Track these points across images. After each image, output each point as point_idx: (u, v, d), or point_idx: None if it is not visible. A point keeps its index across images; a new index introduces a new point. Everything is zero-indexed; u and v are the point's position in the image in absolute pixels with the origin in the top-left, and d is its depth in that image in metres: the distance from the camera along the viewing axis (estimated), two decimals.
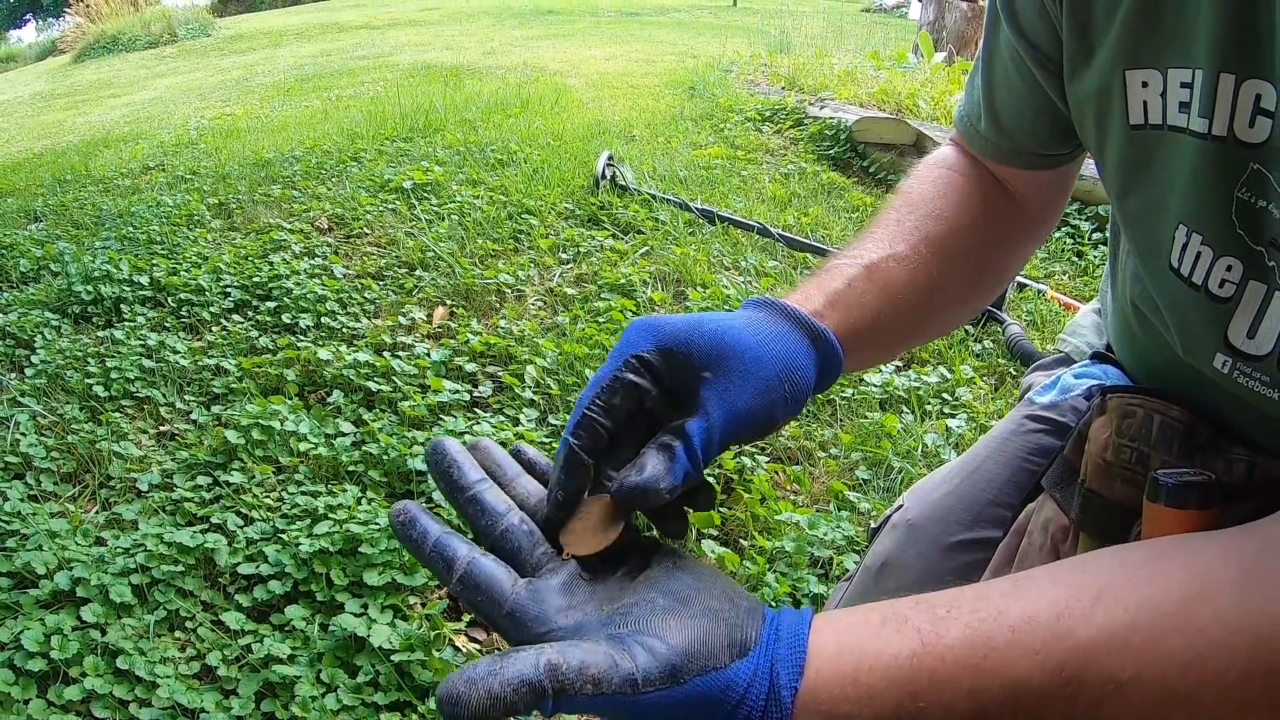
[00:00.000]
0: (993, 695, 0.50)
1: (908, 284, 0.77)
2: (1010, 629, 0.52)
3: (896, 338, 0.79)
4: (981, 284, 0.88)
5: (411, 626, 1.60)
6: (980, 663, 0.51)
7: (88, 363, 2.48)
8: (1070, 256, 3.49)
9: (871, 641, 0.53)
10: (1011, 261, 0.92)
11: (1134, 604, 0.51)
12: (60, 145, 6.52)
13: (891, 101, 5.38)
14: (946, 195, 0.86)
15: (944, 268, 0.80)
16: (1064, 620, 0.51)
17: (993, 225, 0.86)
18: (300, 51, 11.36)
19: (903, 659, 0.52)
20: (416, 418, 2.21)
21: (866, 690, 0.52)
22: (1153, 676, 0.49)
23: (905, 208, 0.85)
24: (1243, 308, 0.62)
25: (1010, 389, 2.47)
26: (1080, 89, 0.70)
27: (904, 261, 0.78)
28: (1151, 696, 0.49)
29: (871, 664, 0.52)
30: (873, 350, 0.76)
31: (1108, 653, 0.50)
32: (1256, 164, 0.57)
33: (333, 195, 3.92)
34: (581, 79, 7.34)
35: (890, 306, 0.75)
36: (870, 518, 1.90)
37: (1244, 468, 0.69)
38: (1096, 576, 0.54)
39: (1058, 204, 0.93)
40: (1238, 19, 0.55)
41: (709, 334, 0.62)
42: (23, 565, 1.69)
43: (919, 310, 0.79)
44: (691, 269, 3.06)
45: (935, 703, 0.51)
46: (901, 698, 0.51)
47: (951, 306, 0.85)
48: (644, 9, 15.64)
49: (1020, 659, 0.50)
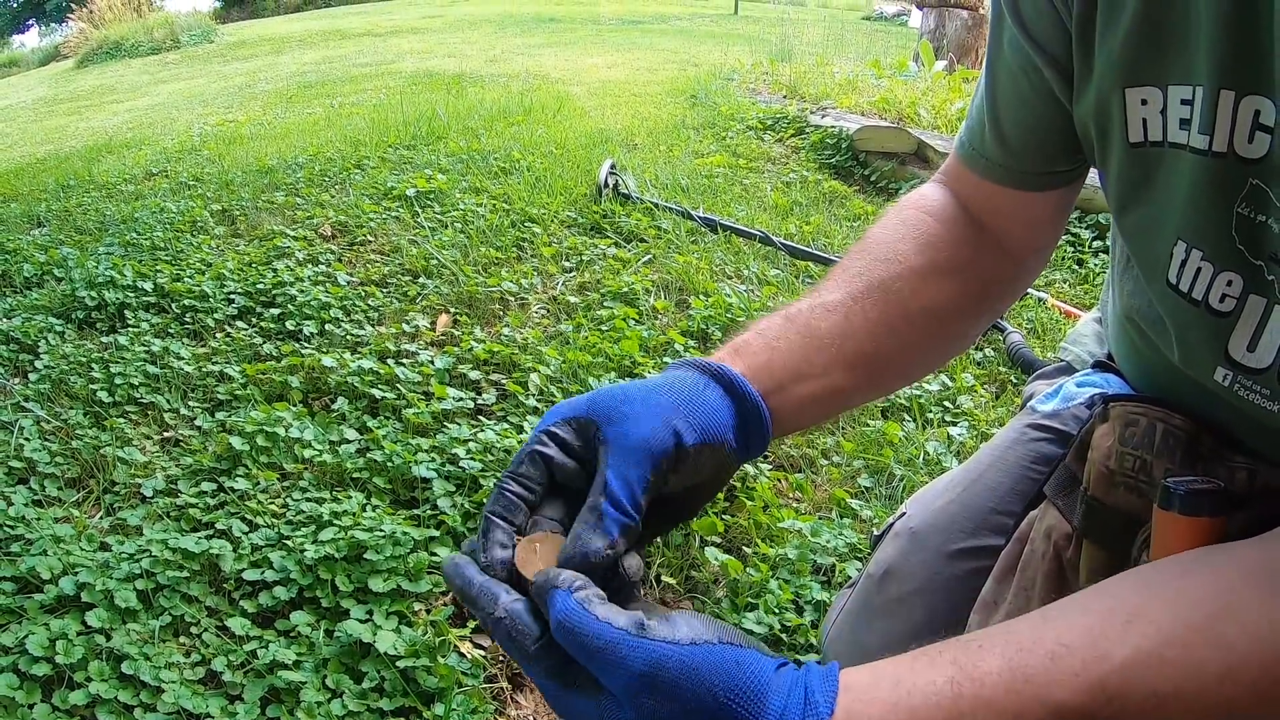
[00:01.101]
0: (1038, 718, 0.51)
1: (838, 331, 0.75)
2: (1047, 654, 0.52)
3: (838, 384, 0.75)
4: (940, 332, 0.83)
5: (416, 633, 1.60)
6: (1021, 688, 0.51)
7: (92, 368, 2.49)
8: (1071, 265, 3.50)
9: (907, 673, 0.54)
10: (983, 309, 0.87)
11: (1165, 623, 0.52)
12: (63, 150, 6.54)
13: (893, 110, 5.39)
14: (906, 238, 0.83)
15: (889, 311, 0.78)
16: (1100, 644, 0.52)
17: (960, 270, 0.83)
18: (303, 58, 11.39)
19: (941, 685, 0.52)
20: (421, 425, 2.22)
21: (908, 713, 0.52)
22: (1192, 690, 0.50)
23: (858, 251, 0.83)
24: (1243, 322, 0.62)
25: (1011, 397, 2.47)
26: (1083, 105, 0.71)
27: (834, 308, 0.76)
28: (1192, 709, 0.50)
29: (909, 689, 0.52)
30: (808, 394, 0.73)
31: (1146, 670, 0.50)
32: (1256, 179, 0.58)
33: (336, 202, 3.94)
34: (583, 87, 7.36)
35: (817, 354, 0.74)
36: (873, 525, 1.90)
37: (1245, 476, 0.69)
38: (1124, 601, 0.55)
39: (1050, 239, 0.90)
40: (1237, 36, 0.56)
41: (605, 395, 0.65)
42: (27, 570, 1.70)
43: (862, 356, 0.76)
44: (694, 277, 3.06)
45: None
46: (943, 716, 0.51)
47: (906, 354, 0.80)
48: (645, 17, 15.68)
49: (1061, 681, 0.51)
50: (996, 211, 0.85)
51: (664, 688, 0.51)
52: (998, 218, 0.85)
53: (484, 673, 1.57)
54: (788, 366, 0.72)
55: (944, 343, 0.86)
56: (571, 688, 0.53)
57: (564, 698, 0.53)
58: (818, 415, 0.76)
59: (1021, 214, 0.85)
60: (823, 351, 0.74)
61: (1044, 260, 0.92)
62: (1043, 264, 0.92)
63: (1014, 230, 0.86)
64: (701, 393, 0.66)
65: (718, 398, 0.67)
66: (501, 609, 0.55)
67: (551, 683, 0.54)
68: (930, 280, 0.81)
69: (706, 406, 0.66)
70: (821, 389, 0.74)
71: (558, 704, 0.54)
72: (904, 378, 0.87)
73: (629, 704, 0.51)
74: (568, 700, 0.53)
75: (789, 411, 0.72)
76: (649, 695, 0.51)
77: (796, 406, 0.72)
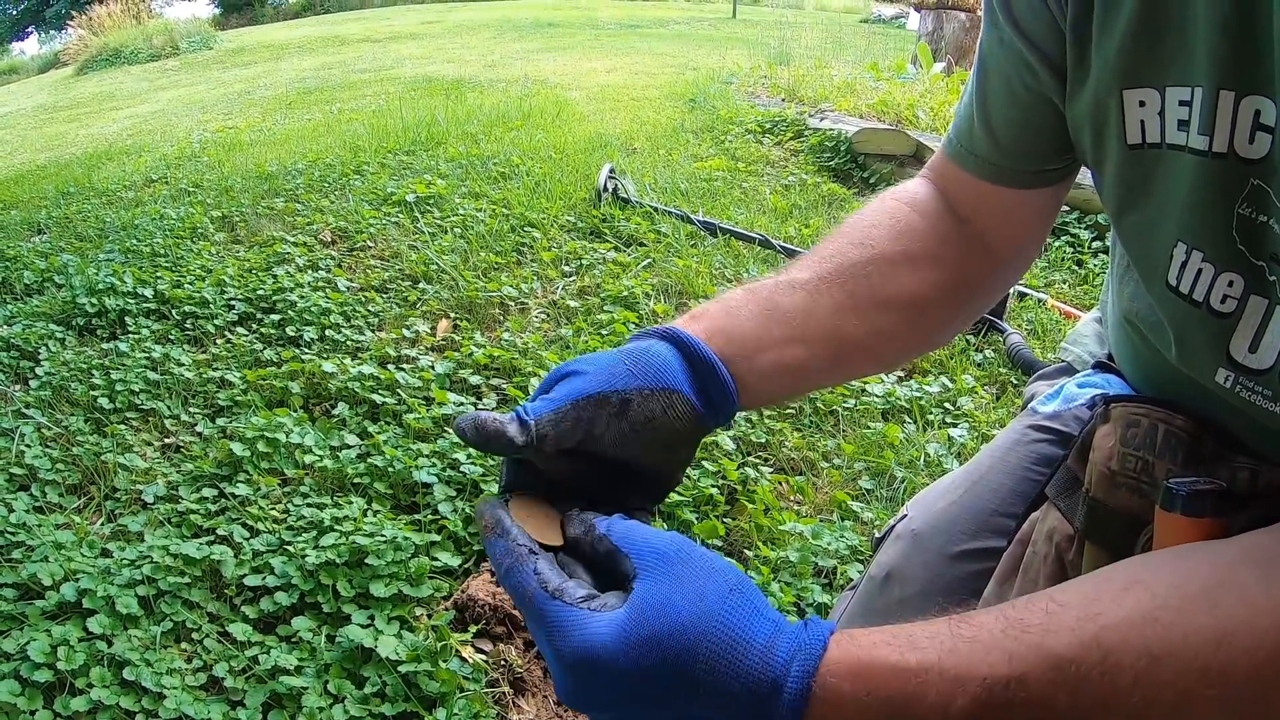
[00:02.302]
0: (1032, 664, 0.52)
1: (802, 308, 0.76)
2: (1043, 610, 0.54)
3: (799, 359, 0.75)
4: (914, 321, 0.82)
5: (418, 638, 1.60)
6: (1020, 634, 0.53)
7: (92, 375, 2.50)
8: (1070, 265, 3.50)
9: (904, 626, 0.56)
10: (960, 303, 0.87)
11: (1161, 591, 0.53)
12: (63, 158, 6.55)
13: (891, 112, 5.39)
14: (881, 225, 0.83)
15: (856, 293, 0.78)
16: (1095, 604, 0.53)
17: (936, 262, 0.82)
18: (302, 64, 11.40)
19: (941, 625, 0.55)
20: (421, 430, 2.22)
21: (907, 639, 0.55)
22: (1185, 654, 0.50)
23: (834, 236, 0.83)
24: (1244, 323, 0.62)
25: (1012, 398, 2.47)
26: (1077, 106, 0.70)
27: (800, 286, 0.77)
28: (1186, 672, 0.50)
29: (910, 632, 0.55)
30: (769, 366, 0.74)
31: (1141, 630, 0.51)
32: (1257, 179, 0.58)
33: (336, 208, 3.94)
34: (582, 91, 7.37)
35: (777, 327, 0.74)
36: (874, 527, 1.90)
37: (1248, 476, 0.69)
38: (1122, 572, 0.56)
39: (1035, 239, 0.89)
40: (1236, 37, 0.56)
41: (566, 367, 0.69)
42: (29, 576, 1.70)
43: (825, 334, 0.76)
44: (694, 281, 3.07)
45: (977, 660, 0.52)
46: (943, 651, 0.53)
47: (873, 338, 0.80)
48: (644, 21, 15.69)
49: (1056, 632, 0.52)
50: (982, 209, 0.85)
51: (689, 556, 0.57)
52: (983, 215, 0.85)
53: (485, 677, 1.57)
54: (746, 333, 0.74)
55: (917, 333, 0.85)
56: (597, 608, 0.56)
57: (590, 622, 0.55)
58: (783, 387, 0.77)
59: (1008, 212, 0.85)
60: (782, 325, 0.75)
61: (1027, 260, 0.92)
62: (1026, 264, 0.92)
63: (999, 228, 0.86)
64: (649, 348, 0.69)
65: (665, 350, 0.70)
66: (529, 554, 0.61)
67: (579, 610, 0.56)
68: (902, 268, 0.81)
69: (652, 356, 0.69)
70: (781, 360, 0.75)
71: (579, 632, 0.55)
72: (872, 362, 0.88)
73: (657, 570, 0.56)
74: (592, 622, 0.55)
75: (752, 379, 0.73)
76: (679, 559, 0.57)
77: (758, 374, 0.73)
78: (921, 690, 0.52)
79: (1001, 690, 0.51)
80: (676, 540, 0.59)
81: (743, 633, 0.55)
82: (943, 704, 0.52)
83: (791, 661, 0.54)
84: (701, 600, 0.55)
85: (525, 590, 0.58)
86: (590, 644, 0.54)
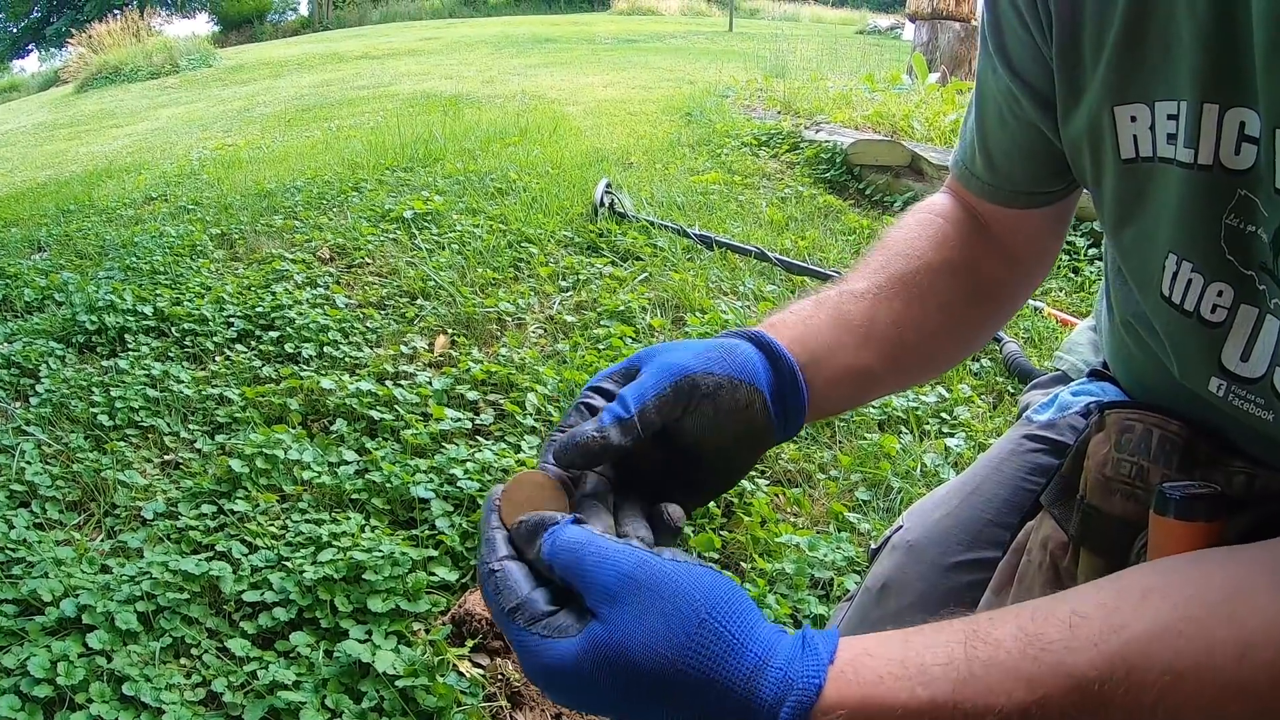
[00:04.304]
0: (1052, 687, 0.49)
1: (866, 316, 0.77)
2: (1064, 623, 0.51)
3: (867, 367, 0.77)
4: (956, 327, 0.85)
5: (415, 652, 1.60)
6: (1038, 654, 0.50)
7: (92, 392, 2.50)
8: (1066, 273, 3.51)
9: (916, 635, 0.53)
10: (994, 308, 0.90)
11: (1181, 600, 0.51)
12: (63, 175, 6.57)
13: (886, 123, 5.42)
14: (922, 236, 0.86)
15: (909, 303, 0.80)
16: (1115, 617, 0.51)
17: (972, 270, 0.85)
18: (300, 82, 11.44)
19: (953, 645, 0.51)
20: (419, 446, 2.22)
21: (917, 668, 0.51)
22: (1209, 667, 0.49)
23: (879, 249, 0.86)
24: (1235, 332, 0.63)
25: (1009, 406, 2.48)
26: (1073, 128, 0.71)
27: (861, 296, 0.79)
28: (1210, 686, 0.48)
29: (919, 648, 0.51)
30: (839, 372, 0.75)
31: (1164, 643, 0.49)
32: (1244, 190, 0.58)
33: (334, 225, 3.95)
34: (579, 106, 7.39)
35: (848, 335, 0.76)
36: (870, 538, 1.90)
37: (1243, 480, 0.69)
38: (1138, 580, 0.55)
39: (1052, 246, 0.92)
40: (1217, 50, 0.57)
41: (646, 350, 0.68)
42: (29, 592, 1.70)
43: (888, 341, 0.78)
44: (690, 295, 3.08)
45: (994, 689, 0.49)
46: (957, 682, 0.50)
47: (927, 344, 0.82)
48: (641, 35, 15.76)
49: (1078, 650, 0.50)
50: (994, 223, 0.88)
51: (647, 585, 0.51)
52: (997, 228, 0.89)
53: (483, 691, 1.57)
54: (821, 341, 0.75)
55: (955, 339, 0.88)
56: (551, 634, 0.52)
57: (542, 649, 0.52)
58: (848, 395, 0.78)
59: (1017, 227, 0.87)
60: (853, 332, 0.77)
61: (1048, 264, 0.95)
62: (1047, 268, 0.95)
63: (1014, 239, 0.89)
64: (736, 346, 0.69)
65: (752, 351, 0.69)
66: (496, 562, 0.56)
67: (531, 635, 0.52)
68: (946, 276, 0.83)
69: (740, 353, 0.68)
70: (853, 366, 0.76)
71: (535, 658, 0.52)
72: (929, 368, 0.90)
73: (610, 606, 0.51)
74: (546, 650, 0.52)
75: (821, 386, 0.73)
76: (633, 594, 0.50)
77: (828, 382, 0.74)
78: None
79: (1020, 717, 0.49)
80: (631, 565, 0.52)
81: (714, 674, 0.50)
82: None
83: (780, 705, 0.49)
84: (663, 636, 0.50)
85: (488, 600, 0.56)
86: (549, 669, 0.51)
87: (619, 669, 0.50)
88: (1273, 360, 0.61)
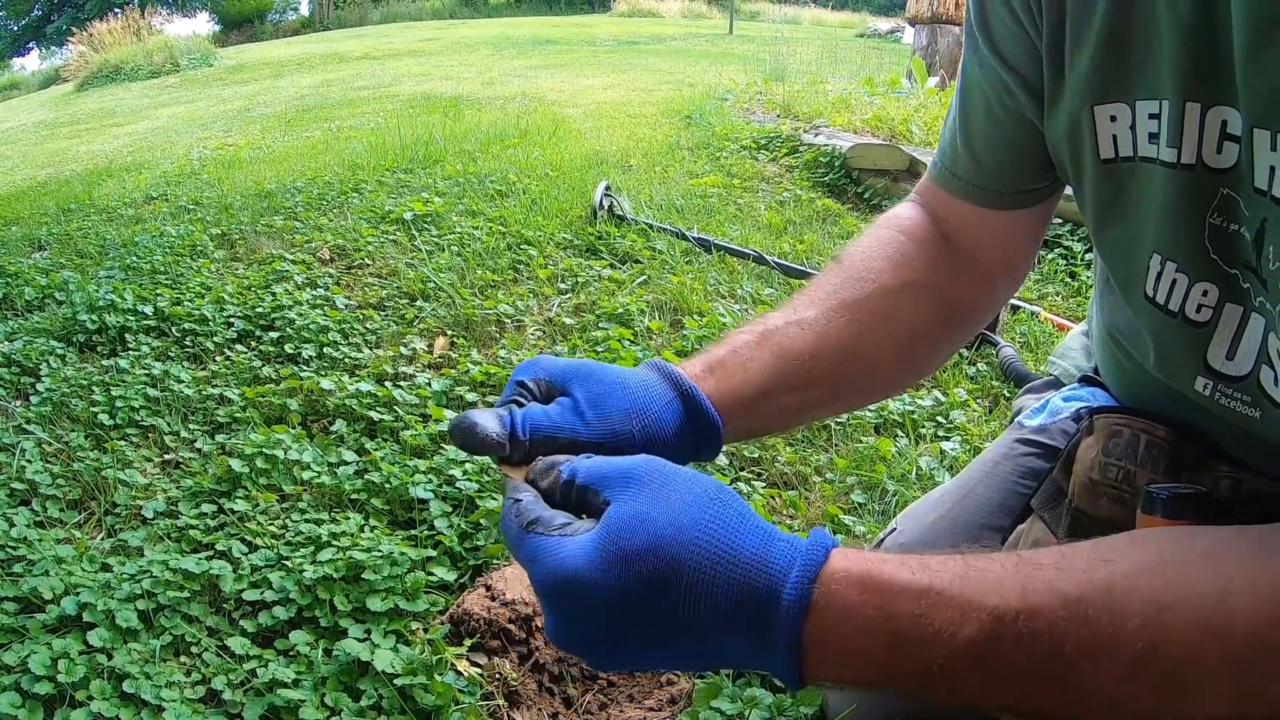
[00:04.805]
0: (1044, 600, 0.51)
1: (812, 347, 0.78)
2: (1054, 554, 0.53)
3: (801, 401, 0.78)
4: (912, 349, 0.86)
5: (414, 651, 1.61)
6: (1031, 572, 0.52)
7: (93, 391, 2.51)
8: (1063, 278, 3.53)
9: (915, 553, 0.55)
10: (954, 329, 0.90)
11: (1165, 549, 0.54)
12: (64, 174, 6.58)
13: (885, 128, 5.43)
14: (881, 256, 0.86)
15: (861, 330, 0.81)
16: (1104, 552, 0.53)
17: (933, 291, 0.85)
18: (301, 82, 11.45)
19: (954, 558, 0.54)
20: (418, 447, 2.23)
21: (919, 562, 0.53)
22: (1189, 604, 0.50)
23: (835, 270, 0.86)
24: (1220, 331, 0.64)
25: (1004, 411, 2.49)
26: (1055, 126, 0.72)
27: (810, 325, 0.79)
28: (1191, 625, 0.50)
29: (922, 557, 0.54)
30: (769, 411, 0.76)
31: (1148, 578, 0.51)
32: (1226, 189, 0.59)
33: (334, 226, 3.97)
34: (579, 109, 7.40)
35: (787, 371, 0.77)
36: (865, 541, 1.92)
37: (1229, 484, 0.71)
38: (1126, 535, 0.57)
39: (1024, 257, 0.92)
40: (1199, 50, 0.57)
41: (577, 368, 0.69)
42: (30, 590, 1.71)
43: (829, 373, 0.79)
44: (688, 298, 3.09)
45: (991, 589, 0.51)
46: (956, 577, 0.52)
47: (876, 371, 0.84)
48: (641, 37, 15.77)
49: (1068, 575, 0.52)
50: (969, 229, 0.87)
51: (662, 474, 0.56)
52: (970, 235, 0.88)
53: (481, 690, 1.58)
54: (760, 387, 0.75)
55: (911, 363, 0.89)
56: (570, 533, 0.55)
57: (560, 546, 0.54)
58: (787, 423, 0.81)
59: (994, 232, 0.87)
60: (794, 367, 0.78)
61: (1017, 279, 0.94)
62: (1016, 283, 0.95)
63: (986, 247, 0.88)
64: (661, 410, 0.69)
65: (670, 414, 0.69)
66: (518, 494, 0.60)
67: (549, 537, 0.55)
68: (902, 299, 0.84)
69: (661, 423, 0.69)
70: (791, 403, 0.77)
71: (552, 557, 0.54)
72: (876, 392, 0.93)
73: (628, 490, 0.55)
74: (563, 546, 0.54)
75: (757, 421, 0.76)
76: (650, 478, 0.55)
77: (763, 419, 0.76)
78: (930, 612, 0.51)
79: (1011, 622, 0.50)
80: (648, 459, 0.57)
81: (730, 540, 0.52)
82: (951, 629, 0.50)
83: (790, 568, 0.52)
84: (679, 511, 0.53)
85: (509, 532, 0.58)
86: (564, 568, 0.53)
87: (640, 541, 0.52)
88: (1258, 358, 0.62)
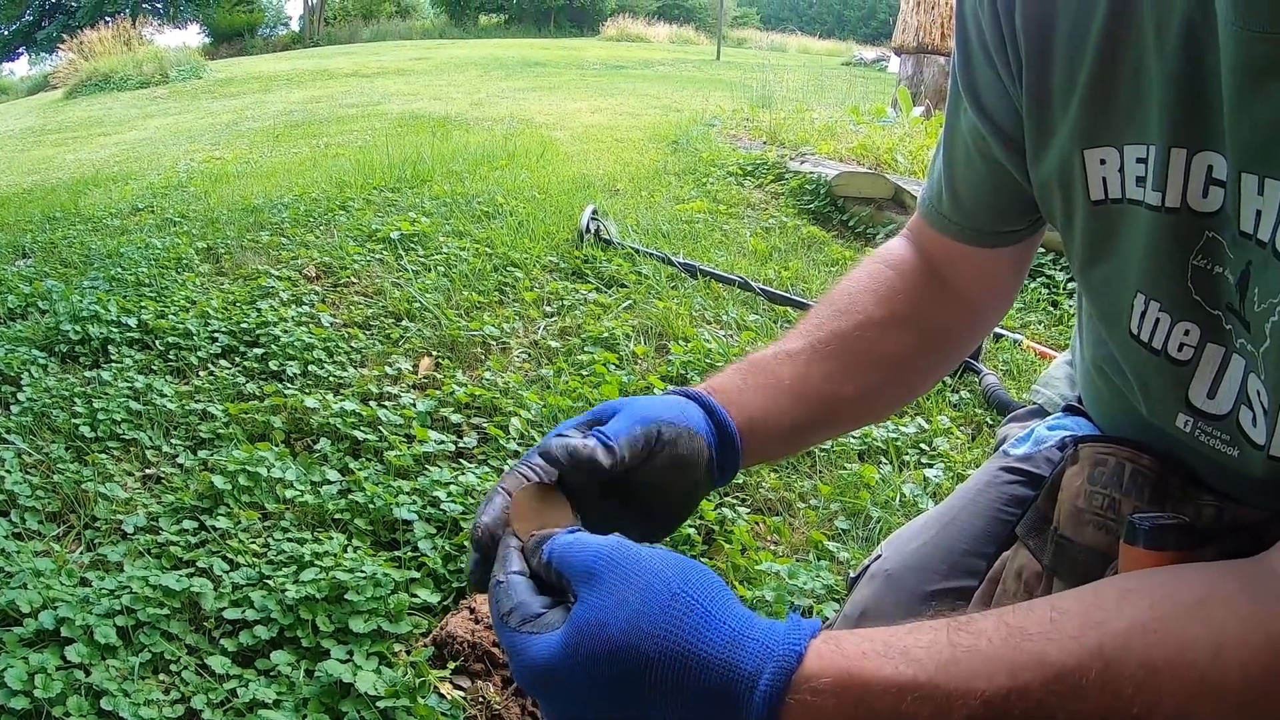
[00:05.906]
0: (1033, 675, 0.50)
1: (799, 376, 0.82)
2: (1044, 618, 0.53)
3: (794, 428, 0.81)
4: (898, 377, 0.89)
5: (396, 673, 1.61)
6: (1019, 643, 0.52)
7: (74, 402, 2.49)
8: (1045, 306, 3.57)
9: (897, 629, 0.54)
10: (940, 357, 0.94)
11: (1157, 600, 0.53)
12: (50, 182, 6.55)
13: (870, 156, 5.49)
14: (867, 290, 0.89)
15: (845, 360, 0.84)
16: (1095, 613, 0.53)
17: (917, 321, 0.88)
18: (290, 97, 11.46)
19: (939, 633, 0.53)
20: (402, 467, 2.23)
21: (900, 650, 0.52)
22: (1183, 663, 0.50)
23: (823, 303, 0.90)
24: (1201, 370, 0.65)
25: (987, 438, 2.51)
26: (1043, 169, 0.74)
27: (795, 355, 0.83)
28: (1185, 683, 0.50)
29: (902, 636, 0.53)
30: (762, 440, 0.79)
31: (1142, 639, 0.51)
32: (1211, 231, 0.60)
33: (321, 243, 3.96)
34: (567, 132, 7.44)
35: (780, 398, 0.80)
36: (849, 567, 1.92)
37: (1213, 512, 0.72)
38: (1116, 584, 0.57)
39: (1009, 290, 0.95)
40: (1186, 96, 0.59)
41: (606, 403, 0.73)
42: (7, 603, 1.69)
43: (817, 401, 0.82)
44: (674, 323, 3.10)
45: (977, 673, 0.50)
46: (940, 664, 0.51)
47: (863, 397, 0.86)
48: (629, 62, 15.88)
49: (1059, 642, 0.51)
50: (955, 264, 0.90)
51: (623, 564, 0.55)
52: (955, 270, 0.90)
53: (464, 714, 1.57)
54: (755, 409, 0.79)
55: (901, 387, 0.92)
56: (539, 630, 0.55)
57: (530, 645, 0.55)
58: (779, 450, 0.84)
59: (977, 268, 0.90)
60: (784, 395, 0.81)
61: (1002, 311, 0.97)
62: (1001, 314, 0.98)
63: (971, 283, 0.91)
64: (685, 406, 0.74)
65: (698, 411, 0.75)
66: (504, 575, 0.60)
67: (520, 634, 0.56)
68: (888, 331, 0.87)
69: (690, 412, 0.74)
70: (783, 428, 0.81)
71: (523, 656, 0.55)
72: (864, 418, 0.94)
73: (589, 587, 0.54)
74: (533, 645, 0.55)
75: (754, 446, 0.79)
76: (610, 572, 0.54)
77: (760, 443, 0.79)
78: (916, 707, 0.50)
79: (1001, 703, 0.50)
80: (609, 549, 0.56)
81: (693, 643, 0.52)
82: None
83: (759, 675, 0.51)
84: (637, 614, 0.52)
85: (492, 613, 0.59)
86: (534, 664, 0.54)
87: (600, 648, 0.52)
88: (1238, 398, 0.63)
